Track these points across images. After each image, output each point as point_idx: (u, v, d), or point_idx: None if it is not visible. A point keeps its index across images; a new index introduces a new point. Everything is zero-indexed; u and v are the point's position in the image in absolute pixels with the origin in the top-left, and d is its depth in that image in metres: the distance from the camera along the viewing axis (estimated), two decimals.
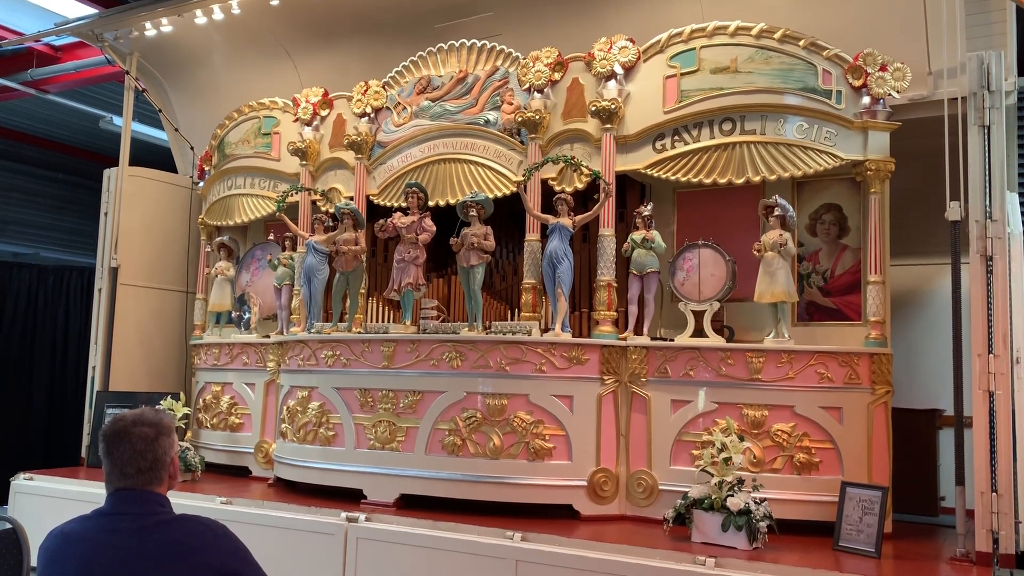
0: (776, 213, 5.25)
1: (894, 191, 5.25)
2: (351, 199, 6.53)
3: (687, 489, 4.71)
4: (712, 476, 4.58)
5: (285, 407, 6.24)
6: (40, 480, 6.56)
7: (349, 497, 5.56)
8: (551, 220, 5.60)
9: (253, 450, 6.77)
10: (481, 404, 5.34)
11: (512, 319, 5.96)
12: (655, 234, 5.53)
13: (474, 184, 6.04)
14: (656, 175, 5.58)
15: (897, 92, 5.12)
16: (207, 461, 6.73)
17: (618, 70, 5.67)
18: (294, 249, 6.91)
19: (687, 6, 6.00)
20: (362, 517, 5.11)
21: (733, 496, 4.47)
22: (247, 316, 7.21)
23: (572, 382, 5.34)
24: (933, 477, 5.86)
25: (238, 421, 6.95)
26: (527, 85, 5.93)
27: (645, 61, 5.68)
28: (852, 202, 5.53)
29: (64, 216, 12.70)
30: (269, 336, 6.93)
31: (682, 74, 5.52)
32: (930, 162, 4.76)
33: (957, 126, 4.63)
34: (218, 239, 7.47)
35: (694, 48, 5.49)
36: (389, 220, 5.92)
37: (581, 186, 5.74)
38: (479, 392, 5.36)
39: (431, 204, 6.10)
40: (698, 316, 5.37)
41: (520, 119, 5.85)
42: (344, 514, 5.15)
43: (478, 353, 5.38)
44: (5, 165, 11.85)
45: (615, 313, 5.56)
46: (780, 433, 5.00)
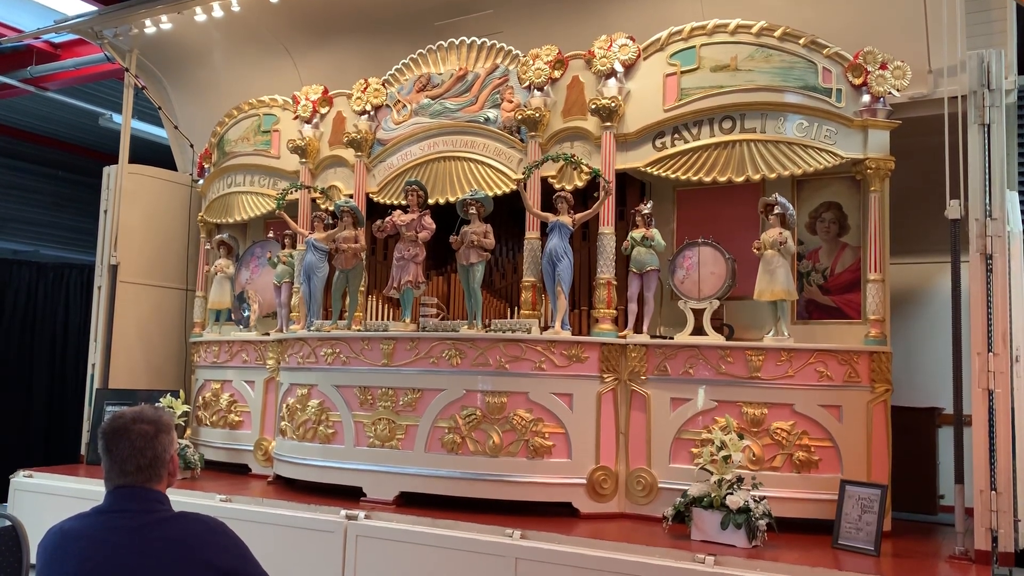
0: (776, 211, 5.25)
1: (894, 189, 5.24)
2: (351, 197, 6.53)
3: (686, 487, 4.71)
4: (711, 474, 4.58)
5: (285, 405, 6.24)
6: (40, 478, 6.57)
7: (348, 495, 5.56)
8: (551, 218, 5.60)
9: (253, 448, 6.77)
10: (481, 402, 5.34)
11: (512, 317, 5.96)
12: (655, 232, 5.53)
13: (474, 182, 6.03)
14: (656, 173, 5.58)
15: (897, 90, 5.11)
16: (207, 459, 6.73)
17: (618, 68, 5.67)
18: (294, 247, 6.91)
19: (687, 4, 5.99)
20: (361, 515, 5.11)
21: (732, 494, 4.47)
22: (247, 314, 7.21)
23: (572, 380, 5.34)
24: (932, 475, 5.87)
25: (238, 419, 6.95)
26: (527, 83, 5.92)
27: (645, 59, 5.68)
28: (852, 200, 5.52)
29: (64, 213, 12.69)
30: (269, 334, 6.93)
31: (682, 72, 5.51)
32: (930, 160, 4.76)
33: (957, 124, 4.63)
34: (218, 237, 7.46)
35: (694, 46, 5.49)
36: (387, 219, 5.92)
37: (581, 184, 5.73)
38: (479, 390, 5.36)
39: (431, 202, 6.10)
40: (698, 314, 5.37)
41: (520, 117, 5.85)
42: (343, 512, 5.15)
43: (478, 351, 5.38)
44: (5, 162, 11.85)
45: (615, 311, 5.56)
46: (779, 431, 5.01)
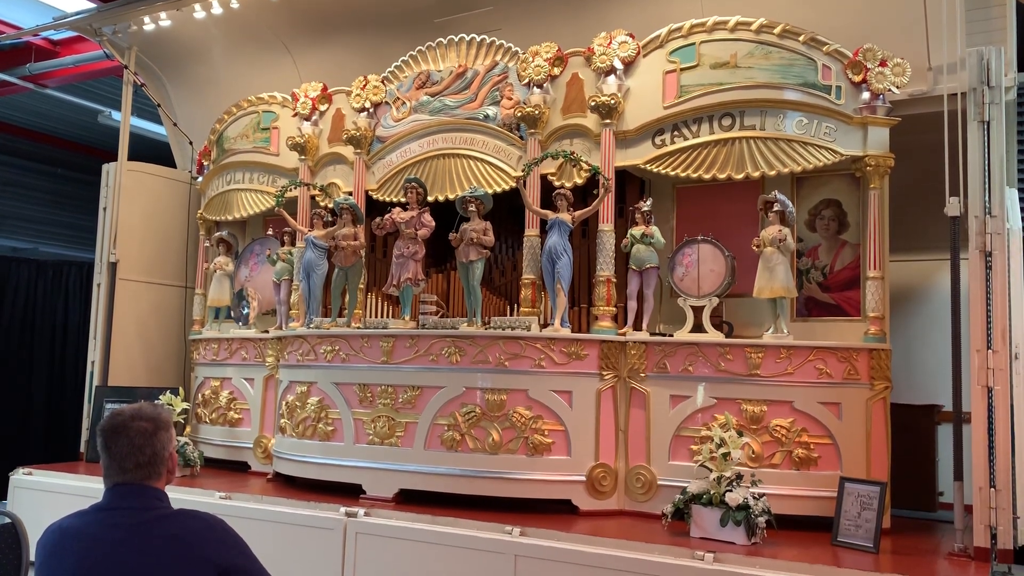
0: (775, 208, 5.24)
1: (893, 187, 5.24)
2: (350, 194, 6.53)
3: (686, 484, 4.71)
4: (711, 471, 4.59)
5: (284, 402, 6.24)
6: (39, 475, 6.57)
7: (348, 492, 5.56)
8: (550, 215, 5.59)
9: (252, 445, 6.77)
10: (480, 399, 5.34)
11: (511, 314, 5.95)
12: (654, 229, 5.53)
13: (473, 179, 6.03)
14: (655, 170, 5.58)
15: (897, 87, 5.12)
16: (206, 456, 6.73)
17: (618, 65, 5.66)
18: (293, 244, 6.90)
19: (687, 1, 5.98)
20: (361, 512, 5.11)
21: (732, 491, 4.47)
22: (246, 311, 7.21)
23: (571, 377, 5.35)
24: (931, 473, 5.87)
25: (237, 416, 6.95)
26: (526, 80, 5.92)
27: (645, 56, 5.67)
28: (851, 198, 5.52)
29: (63, 211, 12.68)
30: (268, 331, 6.93)
31: (682, 69, 5.51)
32: (930, 158, 4.76)
33: (957, 122, 4.63)
34: (217, 234, 7.46)
35: (694, 43, 5.48)
36: (387, 217, 5.92)
37: (580, 181, 5.73)
38: (478, 387, 5.36)
39: (430, 199, 6.10)
40: (697, 311, 5.37)
41: (519, 114, 5.85)
42: (343, 509, 5.16)
43: (477, 348, 5.38)
44: (4, 160, 11.83)
45: (614, 308, 5.56)
46: (779, 428, 5.01)
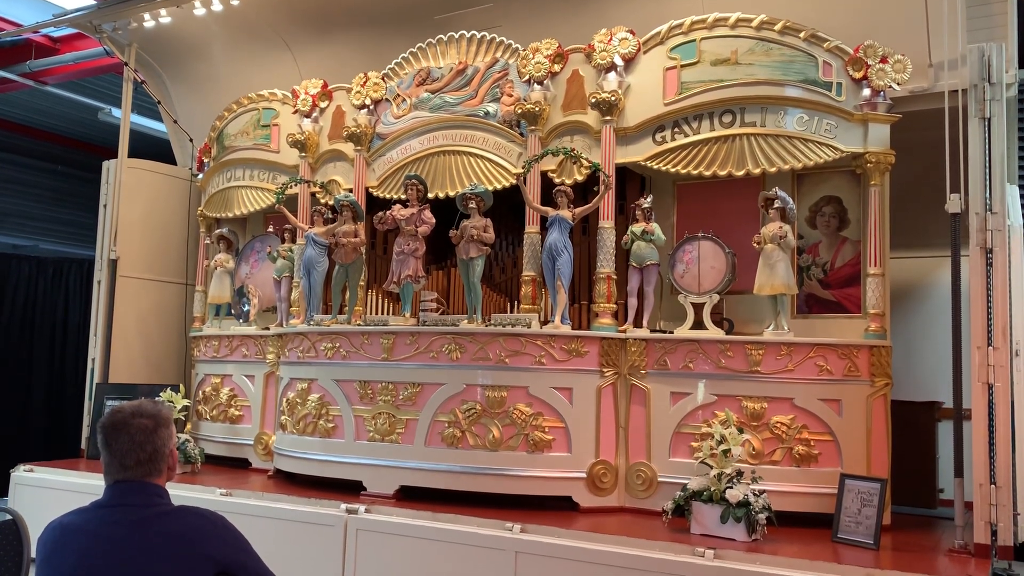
0: (776, 205, 5.24)
1: (894, 183, 5.24)
2: (350, 191, 6.52)
3: (686, 481, 4.72)
4: (711, 468, 4.59)
5: (285, 399, 6.24)
6: (40, 472, 6.58)
7: (349, 489, 5.57)
8: (551, 212, 5.59)
9: (253, 442, 6.77)
10: (480, 396, 5.35)
11: (511, 311, 5.95)
12: (655, 226, 5.53)
13: (473, 176, 6.03)
14: (656, 167, 5.57)
15: (897, 84, 5.11)
16: (207, 453, 6.73)
17: (618, 62, 5.65)
18: (293, 241, 6.90)
19: None
20: (362, 509, 5.11)
21: (732, 488, 4.47)
22: (246, 308, 7.21)
23: (571, 374, 5.35)
24: (932, 469, 5.88)
25: (238, 413, 6.96)
26: (527, 77, 5.91)
27: (645, 53, 5.66)
28: (852, 194, 5.52)
29: (63, 208, 12.69)
30: (268, 328, 6.93)
31: (682, 66, 5.50)
32: (930, 154, 4.75)
33: (958, 118, 4.62)
34: (217, 231, 7.46)
35: (694, 40, 5.48)
36: (387, 214, 5.92)
37: (581, 178, 5.73)
38: (478, 384, 5.36)
39: (430, 196, 6.10)
40: (697, 308, 5.37)
41: (520, 111, 5.84)
42: (344, 506, 5.16)
43: (477, 345, 5.38)
44: (4, 157, 11.83)
45: (615, 305, 5.56)
46: (779, 425, 5.01)
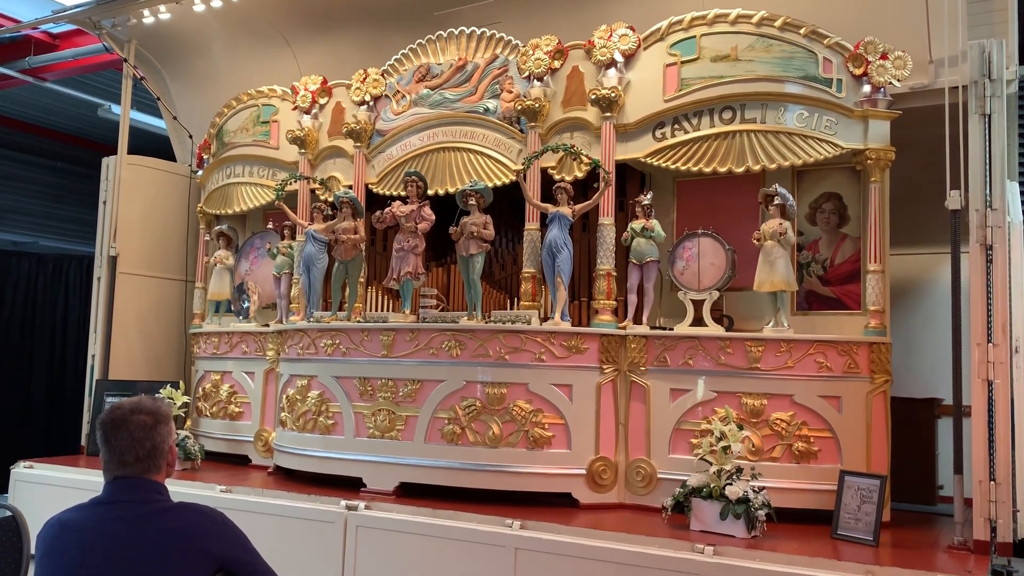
0: (776, 202, 5.24)
1: (894, 180, 5.23)
2: (350, 188, 6.52)
3: (686, 477, 4.72)
4: (711, 465, 4.59)
5: (284, 396, 6.24)
6: (40, 468, 6.57)
7: (348, 485, 5.57)
8: (551, 209, 5.59)
9: (253, 439, 6.78)
10: (480, 393, 5.35)
11: (511, 308, 5.95)
12: (655, 223, 5.53)
13: (473, 173, 6.02)
14: (656, 164, 5.57)
15: (898, 80, 5.10)
16: (207, 449, 6.74)
17: (618, 58, 5.65)
18: (293, 238, 6.90)
19: None
20: (361, 505, 5.12)
21: (732, 485, 4.47)
22: (246, 305, 7.21)
23: (571, 371, 5.35)
24: (931, 466, 5.88)
25: (237, 410, 6.96)
26: (527, 73, 5.90)
27: (645, 49, 5.66)
28: (852, 191, 5.52)
29: (63, 205, 12.69)
30: (268, 325, 6.93)
31: (682, 62, 5.50)
32: (930, 151, 4.74)
33: (958, 115, 4.61)
34: (217, 228, 7.46)
35: (694, 36, 5.47)
36: (387, 210, 5.91)
37: (581, 175, 5.72)
38: (478, 381, 5.36)
39: (430, 193, 6.09)
40: (697, 305, 5.37)
41: (520, 107, 5.84)
42: (344, 502, 5.16)
43: (477, 342, 5.38)
44: (3, 154, 11.83)
45: (614, 302, 5.56)
46: (779, 422, 5.01)
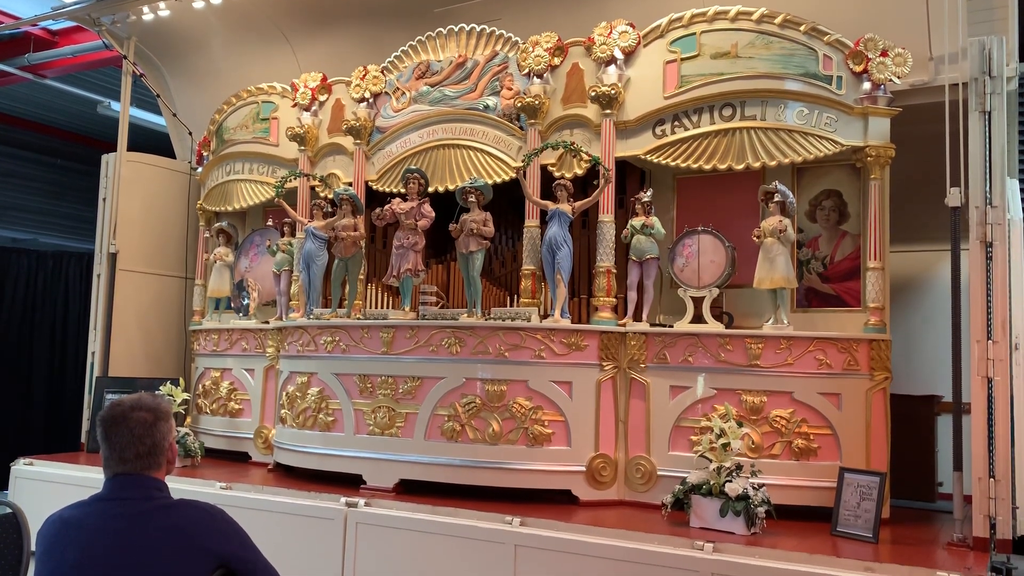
0: (776, 199, 5.24)
1: (894, 177, 5.23)
2: (350, 185, 6.52)
3: (685, 474, 4.72)
4: (710, 462, 4.59)
5: (284, 393, 6.24)
6: (40, 465, 6.58)
7: (348, 482, 5.58)
8: (550, 206, 5.59)
9: (252, 436, 6.78)
10: (480, 390, 5.35)
11: (511, 305, 5.96)
12: (654, 220, 5.53)
13: (473, 170, 6.02)
14: (656, 161, 5.56)
15: (898, 78, 5.09)
16: (207, 446, 6.74)
17: (618, 55, 5.64)
18: (293, 235, 6.90)
19: None
20: (361, 502, 5.12)
21: (731, 482, 4.48)
22: (246, 302, 7.21)
23: (571, 368, 5.35)
24: (931, 463, 5.89)
25: (237, 407, 6.96)
26: (527, 70, 5.90)
27: (645, 46, 5.65)
28: (852, 188, 5.51)
29: (62, 202, 12.67)
30: (268, 322, 6.93)
31: (682, 59, 5.49)
32: (931, 148, 4.74)
33: (958, 112, 4.61)
34: (217, 225, 7.46)
35: (694, 33, 5.46)
36: (387, 207, 5.91)
37: (581, 172, 5.72)
38: (478, 378, 5.37)
39: (430, 190, 6.09)
40: (697, 302, 5.37)
41: (519, 104, 5.83)
42: (343, 499, 5.17)
43: (477, 339, 5.38)
44: (3, 151, 11.80)
45: (614, 299, 5.56)
46: (779, 419, 5.01)
